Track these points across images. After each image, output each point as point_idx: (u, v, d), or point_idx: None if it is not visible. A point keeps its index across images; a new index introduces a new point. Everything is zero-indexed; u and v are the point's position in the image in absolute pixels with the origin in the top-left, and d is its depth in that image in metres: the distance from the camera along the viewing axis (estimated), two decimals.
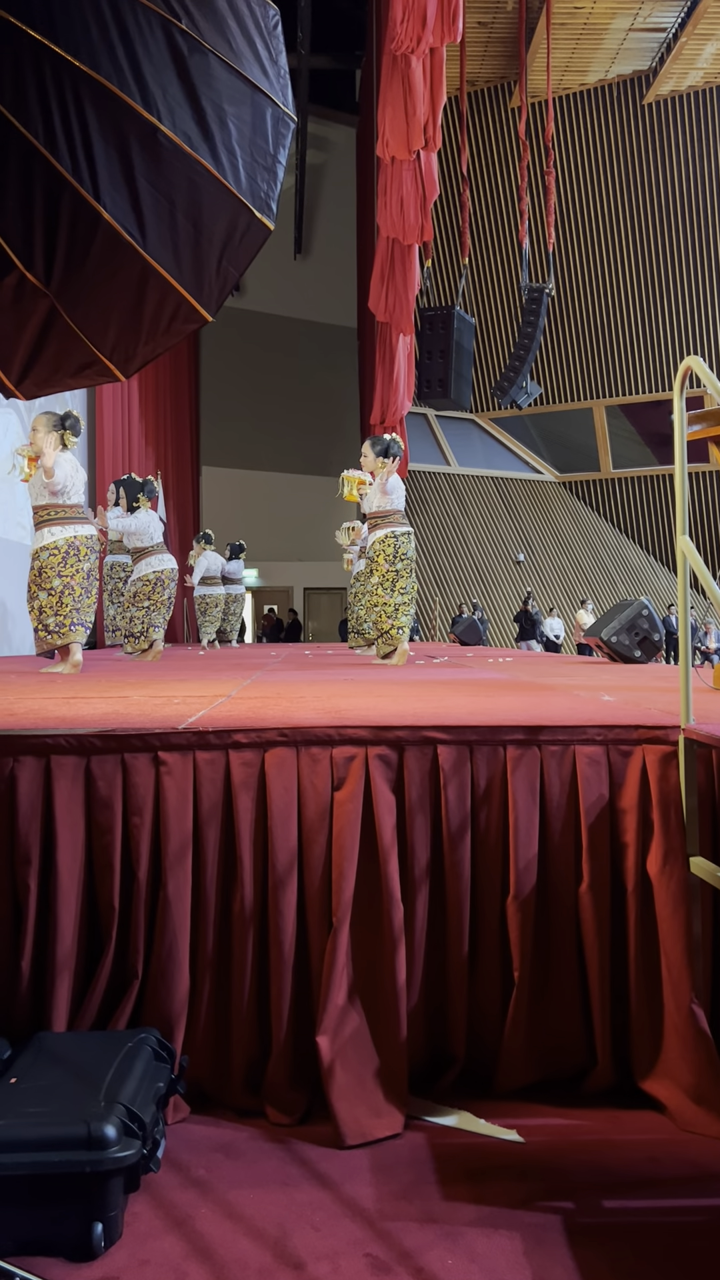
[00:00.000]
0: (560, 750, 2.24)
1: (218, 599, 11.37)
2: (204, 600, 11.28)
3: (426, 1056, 2.21)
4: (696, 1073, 2.05)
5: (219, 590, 11.41)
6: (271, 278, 20.76)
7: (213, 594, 11.33)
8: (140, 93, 2.42)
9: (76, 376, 2.85)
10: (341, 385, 21.49)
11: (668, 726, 2.24)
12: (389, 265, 12.20)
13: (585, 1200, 1.74)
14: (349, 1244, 1.60)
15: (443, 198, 16.33)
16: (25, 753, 2.14)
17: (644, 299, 18.85)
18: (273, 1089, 2.08)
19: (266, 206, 2.58)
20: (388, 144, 10.64)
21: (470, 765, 2.22)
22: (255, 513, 20.65)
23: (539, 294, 13.82)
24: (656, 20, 16.50)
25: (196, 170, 2.47)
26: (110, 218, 2.50)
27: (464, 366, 13.64)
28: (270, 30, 2.53)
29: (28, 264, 2.61)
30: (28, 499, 5.82)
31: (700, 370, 2.18)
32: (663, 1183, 1.82)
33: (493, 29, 16.67)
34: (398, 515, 6.15)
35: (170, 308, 2.63)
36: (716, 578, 10.35)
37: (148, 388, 14.71)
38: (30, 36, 2.38)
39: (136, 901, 2.12)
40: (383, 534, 6.10)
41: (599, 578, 19.80)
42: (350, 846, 2.13)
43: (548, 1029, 2.19)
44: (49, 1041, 1.94)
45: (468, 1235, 1.62)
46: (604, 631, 6.64)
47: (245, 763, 2.18)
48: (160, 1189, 1.77)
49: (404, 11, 9.50)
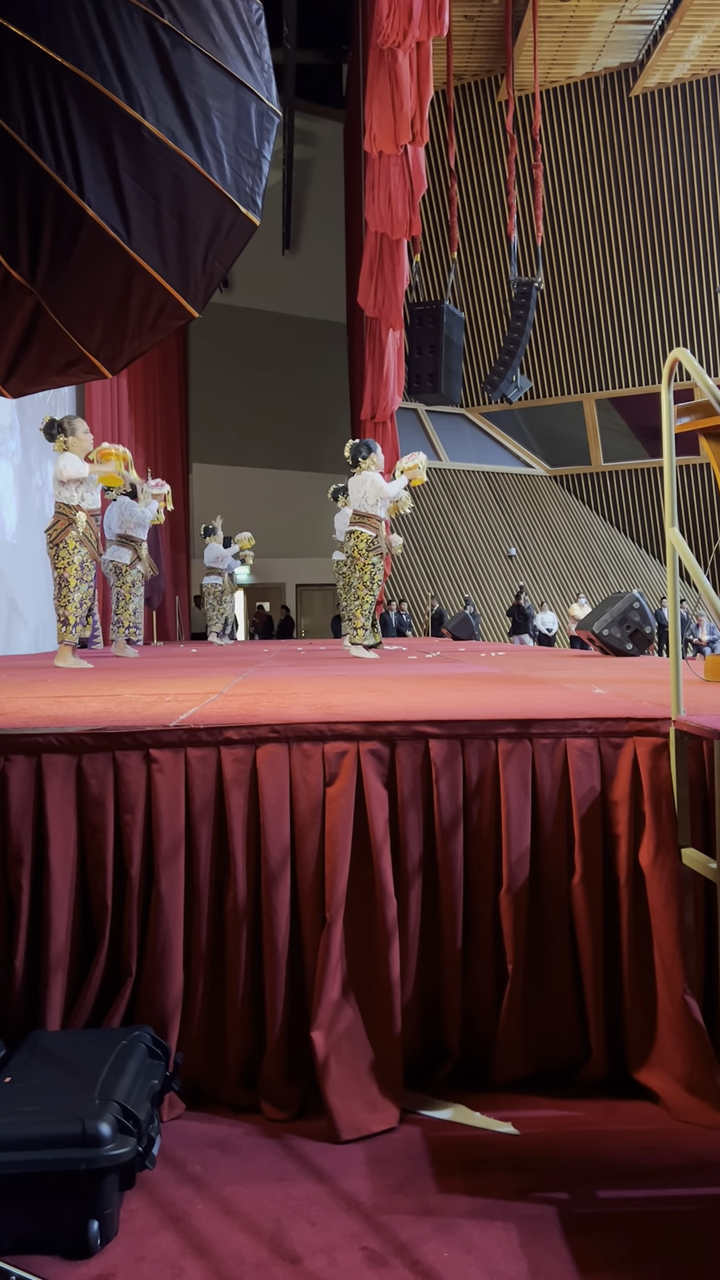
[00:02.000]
0: (552, 743, 2.24)
1: (211, 588, 11.57)
2: (209, 590, 11.63)
3: (421, 1050, 2.21)
4: (690, 1063, 2.06)
5: (215, 580, 11.58)
6: (260, 273, 20.70)
7: (209, 583, 11.59)
8: (123, 88, 2.41)
9: (63, 374, 2.84)
10: (331, 381, 21.45)
11: (659, 719, 2.25)
12: (378, 260, 12.18)
13: (580, 1191, 1.74)
14: (345, 1237, 1.61)
15: (431, 192, 16.30)
16: (16, 751, 2.13)
17: (633, 292, 18.85)
18: (268, 1085, 2.08)
19: (252, 202, 2.57)
20: (375, 138, 10.62)
21: (462, 759, 2.22)
22: (246, 510, 20.60)
23: (528, 288, 13.82)
24: (643, 13, 16.48)
25: (181, 165, 2.46)
26: (95, 214, 2.49)
27: (454, 361, 13.64)
28: (254, 24, 2.52)
29: (12, 261, 2.60)
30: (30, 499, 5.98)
31: (688, 363, 2.18)
32: (657, 1172, 1.82)
33: (479, 22, 16.64)
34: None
35: (156, 304, 2.62)
36: (706, 570, 10.33)
37: (136, 385, 14.67)
38: (11, 32, 2.37)
39: (129, 899, 2.12)
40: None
41: (590, 571, 19.83)
42: (343, 842, 2.13)
43: (542, 1021, 2.20)
44: (43, 1040, 1.94)
45: (464, 1227, 1.63)
46: (596, 624, 6.65)
47: (237, 759, 2.18)
48: (156, 1186, 1.77)
49: (390, 6, 9.47)
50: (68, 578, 5.68)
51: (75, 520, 5.72)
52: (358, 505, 6.68)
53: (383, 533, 6.71)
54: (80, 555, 5.72)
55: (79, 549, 5.71)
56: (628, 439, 19.95)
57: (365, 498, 6.64)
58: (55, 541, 5.73)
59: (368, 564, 6.61)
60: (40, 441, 10.10)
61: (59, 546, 5.71)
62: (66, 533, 5.71)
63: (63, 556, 5.70)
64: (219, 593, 11.63)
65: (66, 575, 5.69)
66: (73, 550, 5.68)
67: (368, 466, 6.75)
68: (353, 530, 6.71)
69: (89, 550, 5.80)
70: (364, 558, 6.63)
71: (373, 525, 6.63)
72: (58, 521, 5.76)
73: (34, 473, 9.83)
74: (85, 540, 5.76)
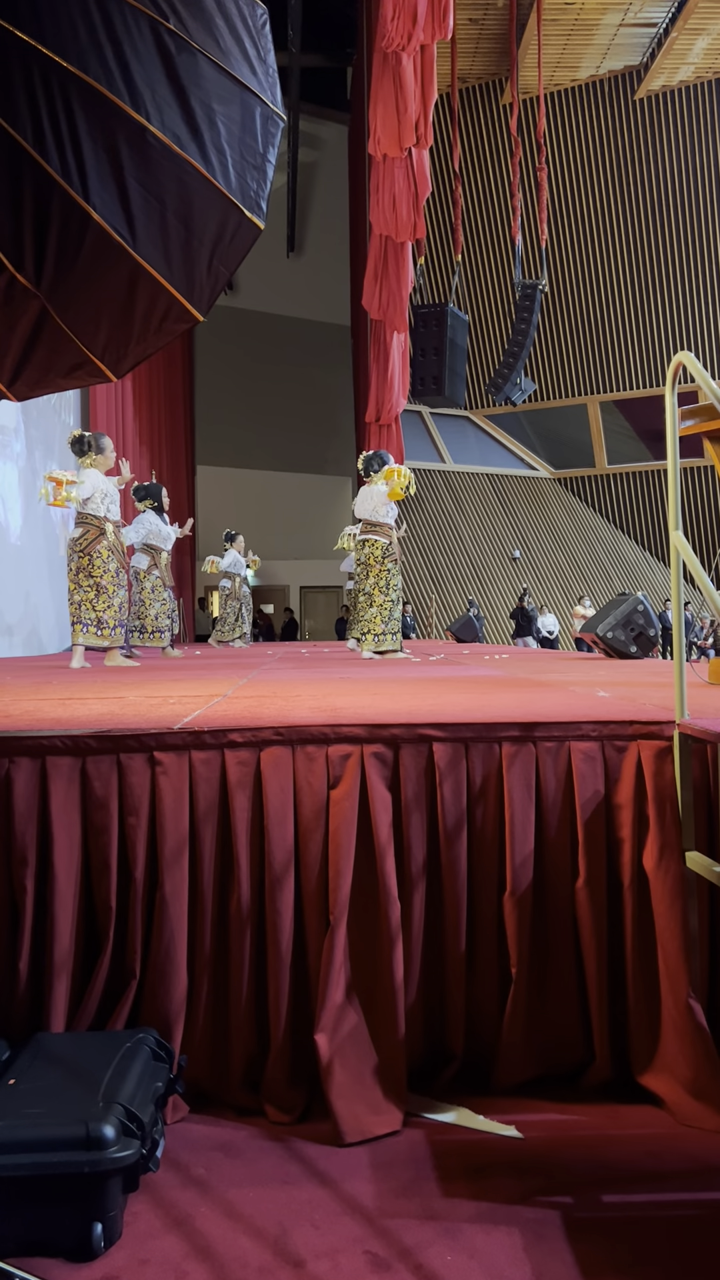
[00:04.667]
0: (556, 746, 2.24)
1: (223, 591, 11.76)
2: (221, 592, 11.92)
3: (425, 1053, 2.21)
4: (694, 1067, 2.05)
5: (229, 584, 11.76)
6: (265, 277, 20.75)
7: (223, 586, 11.86)
8: (129, 93, 2.42)
9: (68, 377, 2.84)
10: (336, 383, 21.48)
11: (663, 722, 2.24)
12: (382, 263, 12.20)
13: (584, 1195, 1.74)
14: (349, 1241, 1.60)
15: (435, 195, 16.32)
16: (21, 754, 2.14)
17: (637, 294, 18.85)
18: (271, 1087, 2.08)
19: (257, 206, 2.58)
20: (379, 141, 10.64)
21: (466, 762, 2.22)
22: (250, 512, 20.64)
23: (532, 290, 13.82)
24: (647, 15, 16.49)
25: (186, 170, 2.46)
26: (100, 218, 2.49)
27: (458, 363, 13.64)
28: (258, 29, 2.52)
29: (17, 265, 2.61)
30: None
31: (692, 366, 2.18)
32: (661, 1177, 1.82)
33: (484, 25, 16.66)
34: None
35: (161, 308, 2.62)
36: (710, 572, 10.42)
37: (141, 388, 14.69)
38: (17, 38, 2.38)
39: (133, 902, 2.12)
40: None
41: (594, 573, 19.82)
42: (346, 845, 2.13)
43: (546, 1025, 2.19)
44: (47, 1042, 1.94)
45: (467, 1231, 1.63)
46: (600, 627, 6.65)
47: (241, 762, 2.18)
48: (160, 1188, 1.77)
49: (395, 9, 9.49)
50: (105, 584, 6.00)
51: (105, 530, 6.05)
52: (368, 515, 6.82)
53: (395, 539, 6.83)
54: (114, 564, 6.05)
55: (112, 557, 6.04)
56: (632, 441, 19.94)
57: (374, 509, 6.79)
58: (87, 551, 6.03)
59: (383, 570, 6.73)
60: (45, 444, 10.14)
61: (92, 556, 6.01)
62: (98, 543, 6.02)
63: (98, 565, 6.01)
64: (225, 596, 11.82)
65: (104, 582, 6.00)
66: (106, 559, 6.01)
67: (378, 481, 6.88)
68: (365, 539, 6.85)
69: (118, 559, 6.12)
70: (379, 564, 6.74)
71: (385, 533, 6.77)
72: (87, 532, 6.05)
73: (38, 476, 9.83)
74: (115, 550, 6.09)
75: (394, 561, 6.74)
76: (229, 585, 11.85)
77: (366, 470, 6.98)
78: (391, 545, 6.76)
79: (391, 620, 6.75)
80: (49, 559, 10.03)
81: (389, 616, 6.73)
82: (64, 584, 6.46)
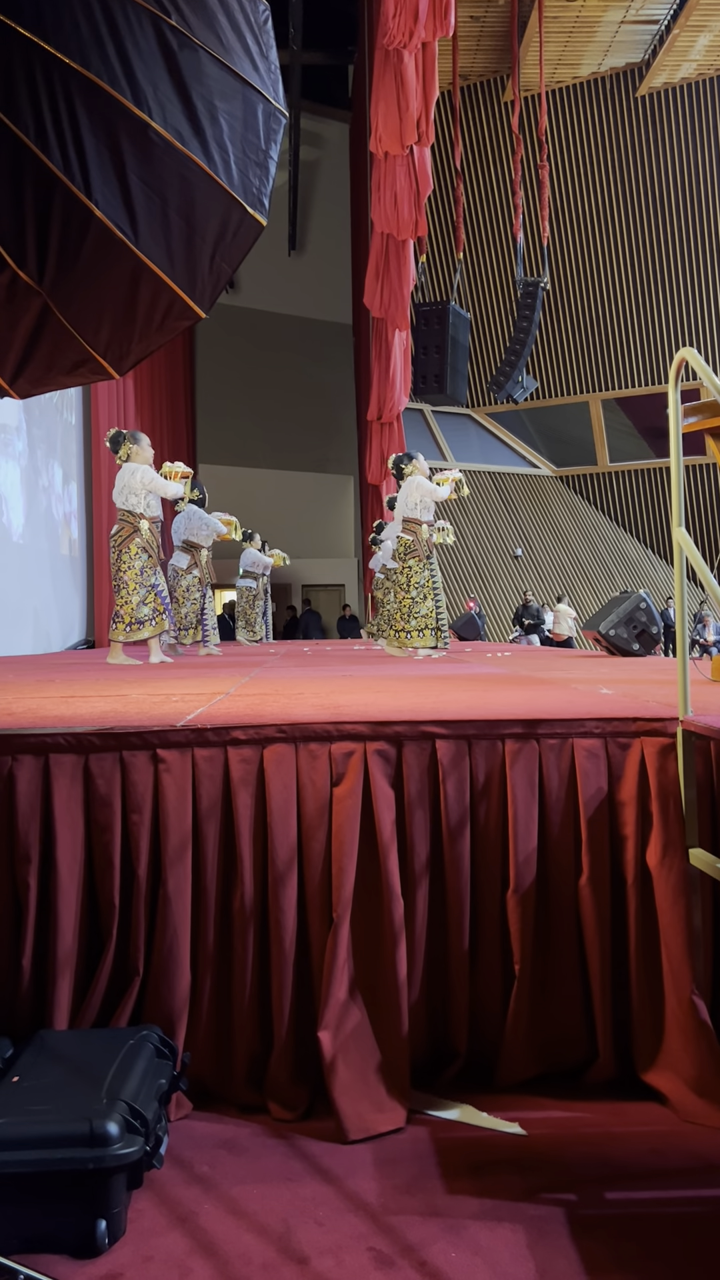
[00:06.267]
0: (559, 743, 2.24)
1: (245, 591, 11.78)
2: (243, 592, 11.88)
3: (428, 1050, 2.21)
4: (698, 1064, 2.05)
5: (249, 583, 11.73)
6: (266, 274, 20.72)
7: (243, 585, 11.85)
8: (130, 89, 2.42)
9: (70, 375, 2.84)
10: (337, 381, 21.46)
11: (666, 719, 2.24)
12: (384, 261, 12.19)
13: (588, 1192, 1.74)
14: (352, 1238, 1.60)
15: (436, 192, 16.31)
16: (24, 751, 2.14)
17: (639, 292, 18.82)
18: (275, 1085, 2.08)
19: (259, 202, 2.57)
20: (381, 139, 10.62)
21: (469, 759, 2.22)
22: (253, 510, 20.61)
23: (534, 288, 13.80)
24: (649, 12, 16.46)
25: (188, 166, 2.46)
26: (102, 215, 2.49)
27: (460, 361, 13.61)
28: (260, 25, 2.52)
29: (20, 262, 2.60)
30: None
31: (695, 362, 2.18)
32: (665, 1174, 1.82)
33: (485, 23, 16.63)
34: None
35: (163, 305, 2.62)
36: (713, 569, 10.34)
37: (143, 386, 14.69)
38: (19, 34, 2.37)
39: (137, 899, 2.12)
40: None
41: (597, 571, 19.80)
42: (350, 842, 2.13)
43: (549, 1022, 2.19)
44: (51, 1040, 1.94)
45: (471, 1228, 1.63)
46: (602, 625, 6.64)
47: (244, 759, 2.18)
48: (163, 1185, 1.77)
49: (396, 6, 9.48)
50: (126, 580, 6.04)
51: (139, 528, 6.08)
52: (406, 512, 6.81)
53: (421, 536, 6.77)
54: (141, 560, 6.06)
55: (140, 555, 6.06)
56: (634, 439, 19.92)
57: (410, 502, 6.78)
58: (119, 546, 6.09)
59: (405, 567, 6.73)
60: (47, 442, 10.14)
61: (121, 551, 6.07)
62: (131, 539, 6.07)
63: (124, 561, 6.05)
64: (252, 596, 11.76)
65: (126, 578, 6.04)
66: (134, 556, 6.05)
67: (411, 472, 6.89)
68: (399, 536, 6.87)
69: (151, 556, 6.13)
70: (402, 562, 6.75)
71: (412, 529, 6.75)
72: (122, 528, 6.10)
73: (40, 474, 9.85)
74: (147, 547, 6.11)
75: (416, 558, 6.69)
76: (254, 586, 11.77)
77: (398, 470, 6.98)
78: (415, 542, 6.71)
79: (415, 617, 6.66)
80: (51, 557, 10.03)
81: (409, 613, 6.67)
82: (66, 582, 6.49)
